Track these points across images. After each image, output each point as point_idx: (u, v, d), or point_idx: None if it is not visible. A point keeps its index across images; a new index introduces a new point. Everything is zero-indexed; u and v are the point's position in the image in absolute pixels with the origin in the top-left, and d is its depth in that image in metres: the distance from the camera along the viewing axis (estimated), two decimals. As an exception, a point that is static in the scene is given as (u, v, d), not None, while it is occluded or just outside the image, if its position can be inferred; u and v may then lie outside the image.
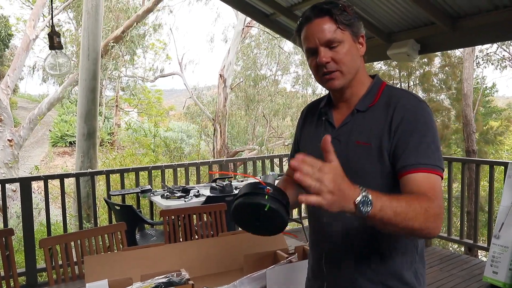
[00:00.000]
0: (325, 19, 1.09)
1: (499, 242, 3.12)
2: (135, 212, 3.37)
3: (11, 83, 9.74)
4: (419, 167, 1.02)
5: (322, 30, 1.09)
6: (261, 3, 4.01)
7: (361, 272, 1.12)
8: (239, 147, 14.50)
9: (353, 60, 1.12)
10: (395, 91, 1.15)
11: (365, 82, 1.17)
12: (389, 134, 1.07)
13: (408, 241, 1.12)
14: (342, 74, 1.11)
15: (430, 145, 1.04)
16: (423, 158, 1.02)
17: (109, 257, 1.80)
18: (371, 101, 1.14)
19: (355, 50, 1.12)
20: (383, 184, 1.07)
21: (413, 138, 1.04)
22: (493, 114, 16.40)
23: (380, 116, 1.10)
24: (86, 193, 6.05)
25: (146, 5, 11.72)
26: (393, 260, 1.11)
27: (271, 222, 1.02)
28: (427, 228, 0.94)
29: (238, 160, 5.67)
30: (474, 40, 3.48)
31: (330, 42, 1.09)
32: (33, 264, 3.54)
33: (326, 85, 1.15)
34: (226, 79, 12.96)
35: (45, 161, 15.61)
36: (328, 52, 1.09)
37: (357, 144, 1.11)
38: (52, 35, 3.25)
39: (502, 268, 3.05)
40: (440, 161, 1.04)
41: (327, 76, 1.12)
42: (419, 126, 1.06)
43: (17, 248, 6.58)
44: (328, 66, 1.10)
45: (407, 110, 1.08)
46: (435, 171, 1.02)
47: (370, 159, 1.08)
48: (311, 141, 1.26)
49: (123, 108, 18.51)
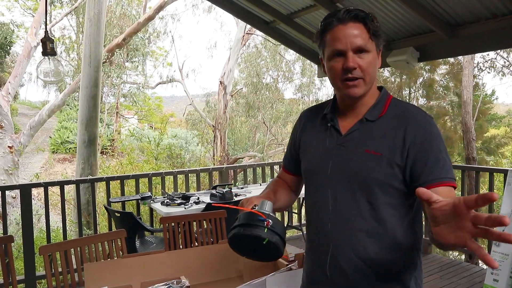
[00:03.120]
0: (359, 25, 1.10)
1: (499, 250, 3.11)
2: (135, 219, 3.37)
3: (12, 90, 9.77)
4: (440, 181, 1.06)
5: (355, 35, 1.09)
6: (261, 10, 4.04)
7: (365, 277, 1.13)
8: (239, 154, 14.50)
9: (375, 71, 1.15)
10: (402, 105, 1.19)
11: (374, 93, 1.20)
12: (403, 148, 1.09)
13: (413, 248, 1.14)
14: (365, 82, 1.13)
15: (446, 159, 1.09)
16: (442, 173, 1.07)
17: (109, 264, 1.80)
18: (380, 111, 1.16)
19: (376, 62, 1.15)
20: (388, 193, 1.10)
21: (432, 153, 1.08)
22: (493, 121, 16.41)
23: (390, 127, 1.13)
24: (86, 200, 6.05)
25: (147, 13, 11.78)
26: (396, 267, 1.12)
27: (267, 253, 1.04)
28: None
29: (238, 167, 5.67)
30: (472, 48, 3.50)
31: (360, 49, 1.10)
32: (32, 271, 3.53)
33: (346, 91, 1.14)
34: (226, 86, 13.01)
35: (45, 168, 15.59)
36: (356, 58, 1.10)
37: (366, 153, 1.12)
38: (46, 41, 3.19)
39: (502, 276, 3.04)
40: (453, 173, 1.10)
41: (351, 82, 1.12)
42: (434, 142, 1.10)
43: (17, 255, 6.55)
44: (354, 72, 1.11)
45: (421, 125, 1.11)
46: (451, 183, 1.07)
47: (378, 168, 1.10)
48: (314, 146, 1.25)
49: (123, 114, 18.54)
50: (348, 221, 1.13)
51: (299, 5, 3.81)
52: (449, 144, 11.80)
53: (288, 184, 1.41)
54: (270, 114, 15.25)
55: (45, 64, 3.31)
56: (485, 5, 2.88)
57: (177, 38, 27.66)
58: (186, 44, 62.42)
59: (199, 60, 59.18)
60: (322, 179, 1.19)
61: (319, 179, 1.20)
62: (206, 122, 14.75)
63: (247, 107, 15.06)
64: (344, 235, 1.14)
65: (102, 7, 7.33)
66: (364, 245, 1.12)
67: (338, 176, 1.15)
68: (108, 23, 13.08)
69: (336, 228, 1.15)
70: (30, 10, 16.43)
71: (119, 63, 13.69)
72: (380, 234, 1.11)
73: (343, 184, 1.14)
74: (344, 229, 1.14)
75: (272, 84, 15.59)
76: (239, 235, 1.02)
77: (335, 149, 1.17)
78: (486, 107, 14.36)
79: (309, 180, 1.26)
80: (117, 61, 13.35)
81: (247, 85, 15.29)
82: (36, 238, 6.36)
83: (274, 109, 15.29)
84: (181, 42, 48.62)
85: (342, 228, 1.14)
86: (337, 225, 1.15)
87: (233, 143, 15.57)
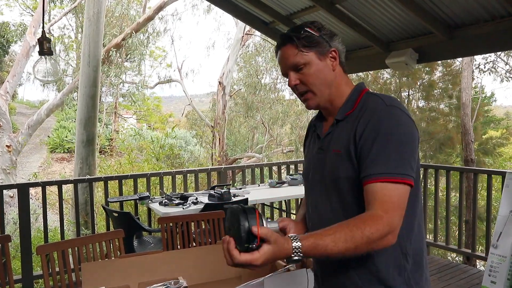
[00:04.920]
0: (287, 47, 1.16)
1: (497, 252, 3.11)
2: (133, 219, 3.36)
3: (11, 89, 9.77)
4: (377, 177, 1.01)
5: (286, 56, 1.16)
6: (261, 11, 4.04)
7: (349, 278, 1.14)
8: (238, 155, 14.50)
9: (323, 78, 1.16)
10: (370, 97, 1.14)
11: (345, 92, 1.19)
12: (354, 141, 1.08)
13: (395, 249, 1.09)
14: (314, 93, 1.17)
15: (393, 153, 1.03)
16: (382, 167, 1.02)
17: (107, 264, 1.79)
18: (348, 109, 1.16)
19: (324, 67, 1.15)
20: (358, 189, 1.08)
21: (375, 145, 1.04)
22: (491, 123, 16.45)
23: (352, 122, 1.12)
24: (84, 199, 6.04)
25: (146, 13, 11.79)
26: (377, 268, 1.10)
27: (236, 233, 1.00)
28: (374, 248, 0.99)
29: (237, 167, 5.66)
30: (471, 50, 3.50)
31: (295, 66, 1.15)
32: (29, 271, 3.51)
33: (304, 104, 1.21)
34: (225, 87, 13.01)
35: (43, 167, 15.56)
36: (295, 75, 1.16)
37: (333, 153, 1.14)
38: (43, 41, 3.17)
39: (500, 278, 3.05)
40: (405, 169, 1.02)
41: (301, 97, 1.19)
42: (382, 132, 1.04)
43: (14, 254, 6.53)
44: (298, 87, 1.18)
45: (372, 116, 1.07)
46: (394, 179, 1.01)
47: (342, 166, 1.11)
48: (308, 152, 1.31)
49: (122, 114, 18.53)
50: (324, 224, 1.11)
51: (299, 6, 3.81)
52: (448, 145, 11.82)
53: None
54: (268, 114, 15.26)
55: (42, 63, 3.29)
56: (484, 7, 2.88)
57: (177, 38, 27.70)
58: (185, 44, 62.51)
59: (198, 60, 59.27)
60: (308, 184, 1.27)
61: (307, 184, 1.28)
62: (205, 122, 14.75)
63: (245, 107, 15.06)
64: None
65: (102, 7, 7.33)
66: None
67: (317, 180, 1.20)
68: (107, 23, 13.08)
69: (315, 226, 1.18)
70: (29, 9, 16.41)
71: (118, 63, 13.68)
72: None
73: (321, 187, 1.18)
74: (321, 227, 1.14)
75: (271, 84, 15.59)
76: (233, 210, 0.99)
77: (316, 154, 1.22)
78: (485, 109, 14.39)
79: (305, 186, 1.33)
80: (116, 61, 13.33)
81: (246, 85, 15.29)
82: (34, 238, 6.33)
83: (273, 109, 15.29)
84: (180, 42, 48.72)
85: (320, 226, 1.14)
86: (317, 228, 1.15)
87: (232, 144, 15.57)
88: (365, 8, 3.33)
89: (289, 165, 5.42)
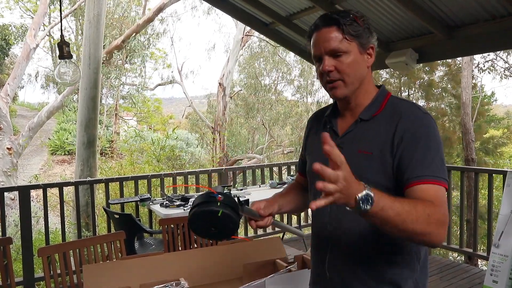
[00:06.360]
0: (332, 29, 1.11)
1: (498, 251, 3.11)
2: (134, 221, 3.36)
3: (11, 92, 9.76)
4: (424, 179, 1.02)
5: (328, 39, 1.10)
6: (260, 12, 4.04)
7: (361, 280, 1.13)
8: (238, 156, 14.49)
9: (358, 71, 1.13)
10: (399, 102, 1.16)
11: (371, 92, 1.18)
12: (391, 146, 1.08)
13: (410, 251, 1.12)
14: (345, 83, 1.13)
15: (434, 158, 1.05)
16: (428, 171, 1.03)
17: (108, 266, 1.79)
18: (375, 110, 1.15)
19: (361, 61, 1.13)
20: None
21: (418, 151, 1.05)
22: (492, 122, 16.42)
23: (383, 126, 1.11)
24: (85, 201, 6.02)
25: (146, 14, 11.80)
26: (392, 270, 1.11)
27: (224, 226, 1.13)
28: (429, 234, 0.95)
29: (238, 168, 5.67)
30: (471, 49, 3.50)
31: (334, 51, 1.10)
32: (31, 273, 3.52)
33: (329, 93, 1.17)
34: (225, 88, 13.02)
35: (44, 169, 15.56)
36: (332, 61, 1.11)
37: (359, 153, 1.11)
38: (62, 45, 3.32)
39: (502, 277, 3.04)
40: (444, 173, 1.05)
41: (330, 84, 1.14)
42: (423, 139, 1.06)
43: (15, 257, 6.53)
44: (331, 74, 1.12)
45: (411, 122, 1.08)
46: (439, 183, 1.03)
47: (371, 168, 1.09)
48: (315, 149, 1.26)
49: (122, 116, 18.53)
50: (344, 224, 1.14)
51: (298, 7, 3.81)
52: (448, 145, 11.81)
53: (302, 186, 1.43)
54: (269, 115, 15.26)
55: (63, 67, 3.46)
56: (483, 7, 2.88)
57: (177, 39, 27.67)
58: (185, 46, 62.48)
59: (198, 61, 59.31)
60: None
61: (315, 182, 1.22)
62: (206, 123, 14.75)
63: (246, 108, 15.07)
64: (341, 237, 1.15)
65: (102, 9, 7.32)
66: (359, 247, 1.13)
67: None
68: (107, 24, 13.08)
69: (333, 229, 1.17)
70: (29, 12, 16.42)
71: (118, 64, 13.68)
72: (374, 236, 1.10)
73: None
74: (340, 231, 1.15)
75: (271, 85, 15.60)
76: (195, 214, 1.12)
77: None
78: (485, 108, 14.36)
79: (311, 181, 1.29)
80: (117, 62, 13.34)
81: (246, 86, 15.29)
82: (35, 240, 6.34)
83: (273, 110, 15.29)
84: (180, 43, 48.74)
85: (339, 230, 1.15)
86: (334, 227, 1.16)
87: (232, 145, 15.56)
88: (365, 8, 3.33)
89: (290, 166, 5.43)
